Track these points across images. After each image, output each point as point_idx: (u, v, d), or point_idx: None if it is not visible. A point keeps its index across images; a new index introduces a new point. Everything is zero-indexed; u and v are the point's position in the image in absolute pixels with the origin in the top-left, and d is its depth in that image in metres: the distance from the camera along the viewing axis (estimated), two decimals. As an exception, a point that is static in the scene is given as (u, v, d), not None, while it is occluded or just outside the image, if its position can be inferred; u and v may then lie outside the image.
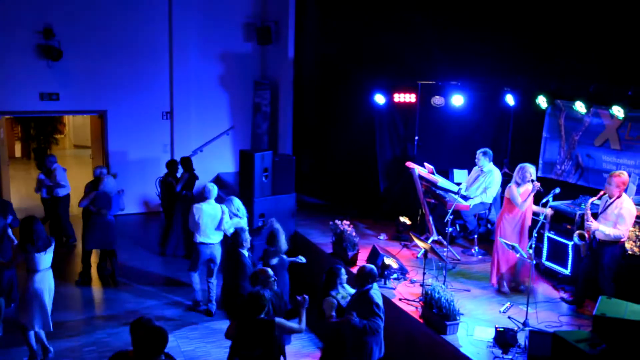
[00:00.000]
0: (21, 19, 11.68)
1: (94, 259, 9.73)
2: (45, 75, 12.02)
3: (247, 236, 7.49)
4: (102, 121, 12.80)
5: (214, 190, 8.51)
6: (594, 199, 7.17)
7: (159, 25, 12.73)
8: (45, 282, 6.92)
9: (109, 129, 12.76)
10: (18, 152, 18.96)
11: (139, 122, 12.92)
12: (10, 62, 11.75)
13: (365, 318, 5.77)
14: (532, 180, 7.56)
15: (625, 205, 6.83)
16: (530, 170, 7.59)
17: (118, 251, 9.70)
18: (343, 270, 6.29)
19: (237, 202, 8.61)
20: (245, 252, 7.43)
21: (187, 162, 10.66)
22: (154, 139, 13.12)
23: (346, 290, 6.35)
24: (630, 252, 7.28)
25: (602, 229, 6.91)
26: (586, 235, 7.09)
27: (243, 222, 8.56)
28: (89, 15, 12.13)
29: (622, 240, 6.89)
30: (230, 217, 8.48)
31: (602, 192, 7.07)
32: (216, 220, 8.39)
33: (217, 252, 8.56)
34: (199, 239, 8.41)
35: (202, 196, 8.57)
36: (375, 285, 6.02)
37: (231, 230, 8.33)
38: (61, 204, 10.82)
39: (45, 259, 6.89)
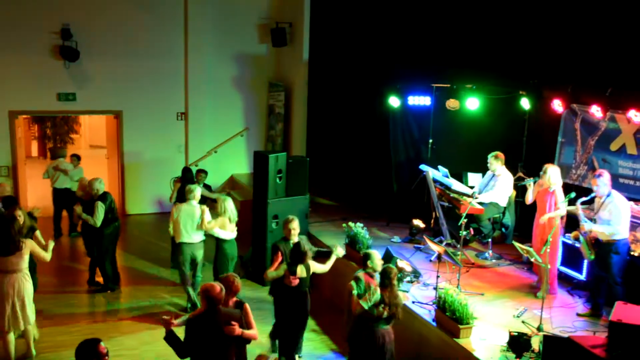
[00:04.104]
0: (39, 20, 11.82)
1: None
2: (63, 75, 12.15)
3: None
4: (117, 121, 12.91)
5: (195, 191, 8.57)
6: (583, 198, 7.17)
7: (174, 26, 12.81)
8: (13, 284, 6.72)
9: (125, 129, 12.87)
10: (35, 152, 19.17)
11: (154, 122, 13.00)
12: (29, 63, 11.90)
13: None
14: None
15: (615, 201, 6.86)
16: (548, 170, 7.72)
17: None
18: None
19: (224, 202, 8.44)
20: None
21: (185, 173, 10.40)
22: (169, 140, 13.20)
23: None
24: (635, 254, 7.26)
25: (595, 228, 6.94)
26: (580, 234, 7.11)
27: (230, 223, 8.48)
28: (106, 16, 12.26)
29: (618, 237, 6.84)
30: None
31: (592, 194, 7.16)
32: (194, 218, 8.43)
33: (198, 252, 8.61)
34: (180, 239, 8.48)
35: (185, 197, 8.63)
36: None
37: (215, 232, 8.37)
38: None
39: (11, 261, 6.67)
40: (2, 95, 11.84)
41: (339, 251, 7.18)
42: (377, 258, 6.60)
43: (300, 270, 6.77)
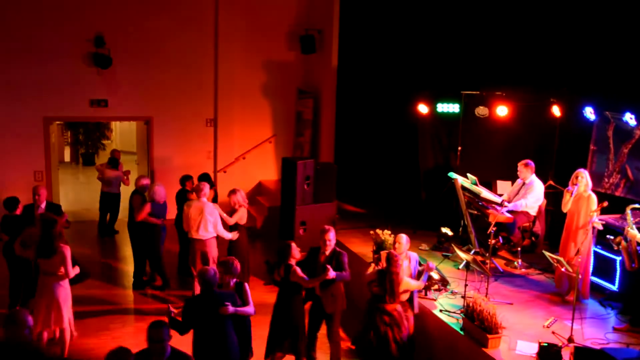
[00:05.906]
0: (74, 28, 12.07)
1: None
2: (95, 82, 12.37)
3: None
4: (147, 127, 13.10)
5: (205, 189, 8.86)
6: (635, 205, 7.01)
7: (205, 34, 12.96)
8: (46, 285, 6.93)
9: (155, 135, 13.06)
10: (67, 157, 19.56)
11: (183, 128, 13.15)
12: (63, 70, 12.15)
13: None
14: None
15: None
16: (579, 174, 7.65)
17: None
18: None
19: (239, 194, 8.87)
20: None
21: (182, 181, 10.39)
22: (198, 146, 13.33)
23: None
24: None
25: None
26: (623, 240, 6.94)
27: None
28: (138, 24, 12.46)
29: None
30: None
31: None
32: (204, 215, 8.58)
33: (210, 248, 8.76)
34: (192, 234, 8.75)
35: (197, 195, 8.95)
36: None
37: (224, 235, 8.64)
38: None
39: (49, 263, 6.87)
40: (37, 102, 12.11)
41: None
42: (398, 242, 7.10)
43: (282, 271, 6.70)
